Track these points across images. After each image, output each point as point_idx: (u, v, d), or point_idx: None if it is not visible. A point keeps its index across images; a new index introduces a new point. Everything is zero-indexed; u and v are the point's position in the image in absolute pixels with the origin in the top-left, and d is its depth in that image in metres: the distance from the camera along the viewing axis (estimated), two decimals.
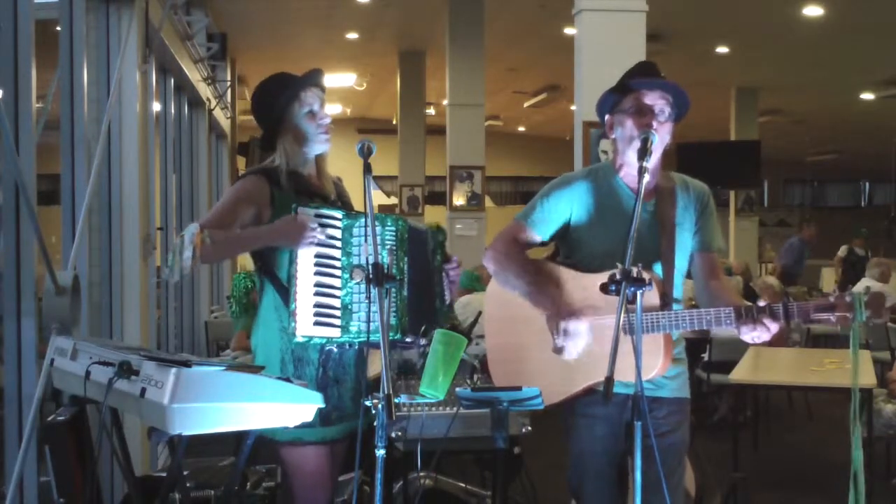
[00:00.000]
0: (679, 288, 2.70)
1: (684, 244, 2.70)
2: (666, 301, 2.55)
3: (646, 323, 2.46)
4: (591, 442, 2.68)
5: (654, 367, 2.52)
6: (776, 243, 15.65)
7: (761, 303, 2.45)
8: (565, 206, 2.71)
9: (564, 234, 2.75)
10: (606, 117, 2.73)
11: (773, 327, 2.43)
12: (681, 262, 2.70)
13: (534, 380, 2.63)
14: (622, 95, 2.67)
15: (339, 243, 2.68)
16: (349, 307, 2.66)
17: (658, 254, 2.64)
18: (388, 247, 2.73)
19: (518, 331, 2.74)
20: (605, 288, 2.25)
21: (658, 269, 2.63)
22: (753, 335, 2.44)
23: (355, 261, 2.66)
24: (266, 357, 2.78)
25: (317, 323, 2.63)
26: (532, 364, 2.70)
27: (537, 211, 2.74)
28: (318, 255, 2.65)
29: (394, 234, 2.75)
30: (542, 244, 2.81)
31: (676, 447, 2.68)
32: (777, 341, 6.86)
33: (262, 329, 2.83)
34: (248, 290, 6.05)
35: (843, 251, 13.03)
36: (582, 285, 2.61)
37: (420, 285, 2.83)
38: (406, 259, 2.79)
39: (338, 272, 2.67)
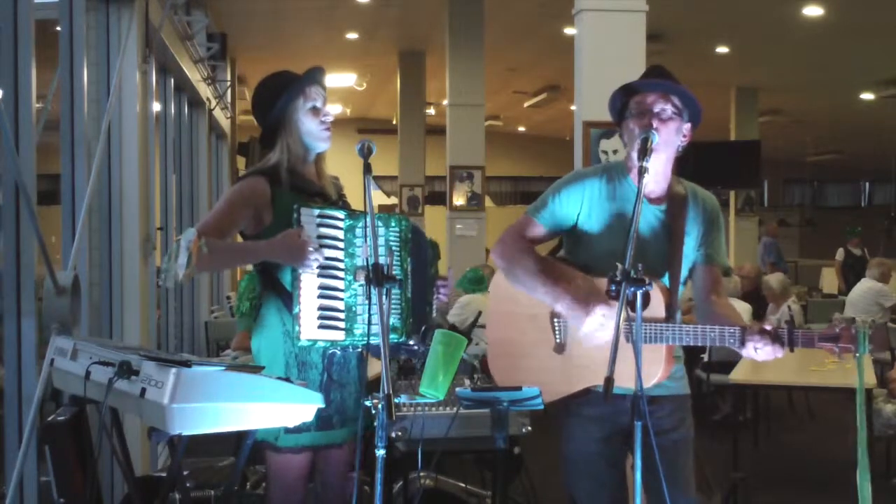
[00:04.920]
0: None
1: (688, 254, 2.70)
2: (671, 313, 2.55)
3: (650, 333, 2.46)
4: (585, 443, 2.68)
5: (654, 375, 2.52)
6: (783, 243, 15.69)
7: (767, 326, 2.44)
8: (576, 203, 2.69)
9: (571, 231, 2.73)
10: (621, 123, 2.73)
11: (779, 351, 2.43)
12: (683, 272, 2.70)
13: (532, 377, 2.63)
14: (627, 99, 2.67)
15: (341, 244, 2.66)
16: (353, 309, 2.64)
17: (666, 264, 2.64)
18: (391, 247, 2.72)
19: (520, 327, 2.73)
20: (608, 290, 2.25)
21: (665, 279, 2.63)
22: (756, 347, 2.43)
23: (359, 262, 2.64)
24: (270, 361, 2.73)
25: (321, 326, 2.61)
26: (532, 361, 2.69)
27: (548, 206, 2.71)
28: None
29: (397, 234, 2.75)
30: (551, 239, 2.80)
31: (682, 442, 2.68)
32: None
33: (265, 333, 2.79)
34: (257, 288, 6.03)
35: (839, 255, 13.07)
36: (590, 286, 2.60)
37: (420, 287, 2.83)
38: (409, 260, 2.79)
39: (341, 274, 2.65)
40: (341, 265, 2.66)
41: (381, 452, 2.26)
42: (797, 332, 2.42)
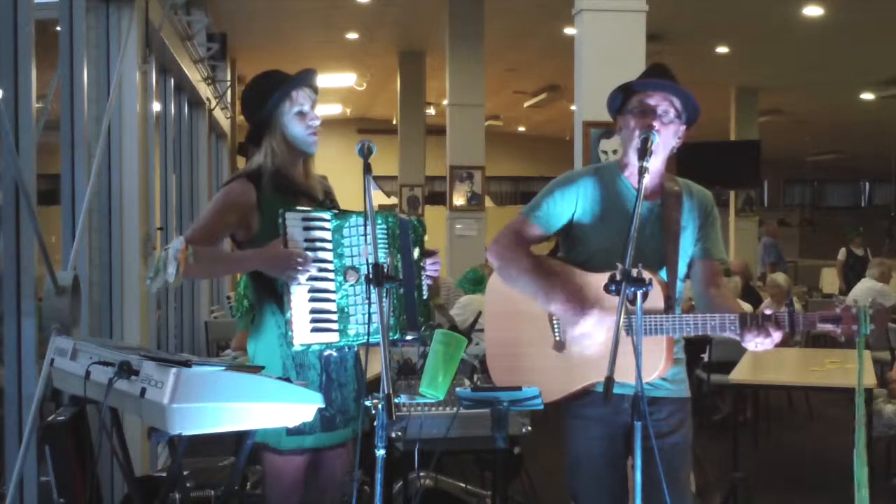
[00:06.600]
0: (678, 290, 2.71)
1: (686, 249, 2.71)
2: (669, 304, 2.55)
3: (649, 325, 2.47)
4: (587, 444, 2.68)
5: (655, 368, 2.52)
6: (783, 243, 15.70)
7: (767, 311, 2.44)
8: (569, 203, 2.71)
9: (567, 231, 2.75)
10: (618, 118, 2.74)
11: (777, 336, 2.43)
12: (681, 266, 2.70)
13: (532, 376, 2.63)
14: (627, 96, 2.68)
15: (329, 245, 2.65)
16: (345, 310, 2.63)
17: (663, 257, 2.64)
18: (381, 246, 2.72)
19: (519, 326, 2.73)
20: (608, 289, 2.25)
21: (663, 273, 2.63)
22: (756, 341, 2.43)
23: (347, 262, 2.63)
24: (267, 365, 2.72)
25: (314, 329, 2.60)
26: (531, 360, 2.70)
27: (542, 206, 2.73)
28: None
29: (385, 231, 2.72)
30: (546, 240, 2.81)
31: (680, 447, 2.67)
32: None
33: (262, 336, 2.78)
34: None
35: (841, 254, 13.06)
36: (586, 284, 2.61)
37: (409, 280, 2.82)
38: (399, 255, 2.78)
39: (331, 275, 2.64)
40: (331, 266, 2.64)
41: (380, 452, 2.26)
42: (798, 315, 2.41)
